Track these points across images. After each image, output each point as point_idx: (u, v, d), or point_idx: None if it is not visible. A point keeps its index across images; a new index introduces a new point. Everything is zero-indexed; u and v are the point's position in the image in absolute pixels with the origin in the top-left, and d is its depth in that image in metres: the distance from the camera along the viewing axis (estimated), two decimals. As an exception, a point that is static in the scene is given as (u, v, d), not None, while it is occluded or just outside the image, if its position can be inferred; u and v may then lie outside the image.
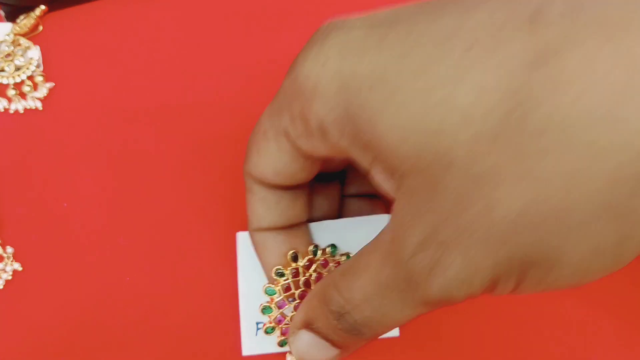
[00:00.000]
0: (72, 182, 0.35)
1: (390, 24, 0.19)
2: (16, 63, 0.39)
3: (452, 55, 0.16)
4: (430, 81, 0.16)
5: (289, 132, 0.21)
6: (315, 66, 0.20)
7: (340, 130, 0.19)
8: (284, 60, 0.42)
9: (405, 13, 0.19)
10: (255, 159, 0.23)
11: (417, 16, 0.18)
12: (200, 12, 0.44)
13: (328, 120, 0.19)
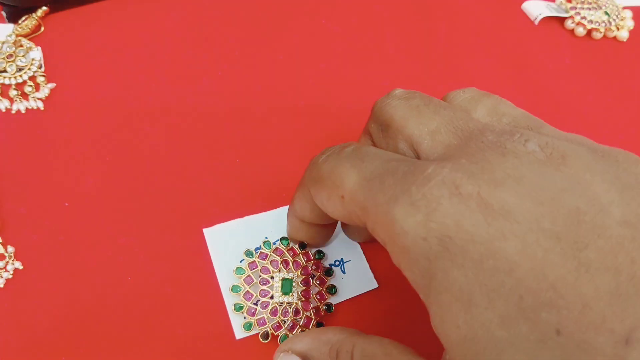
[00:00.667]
0: (73, 181, 0.35)
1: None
2: (18, 64, 0.39)
3: None
4: None
5: (317, 201, 0.25)
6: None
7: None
8: (283, 59, 0.43)
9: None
10: (295, 204, 0.28)
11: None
12: (200, 13, 0.44)
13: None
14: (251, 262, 0.30)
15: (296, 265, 0.30)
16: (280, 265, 0.30)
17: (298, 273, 0.30)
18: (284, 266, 0.30)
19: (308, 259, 0.30)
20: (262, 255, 0.30)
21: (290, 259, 0.30)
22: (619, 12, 0.46)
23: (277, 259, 0.30)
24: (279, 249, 0.30)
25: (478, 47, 0.44)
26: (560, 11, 0.46)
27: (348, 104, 0.40)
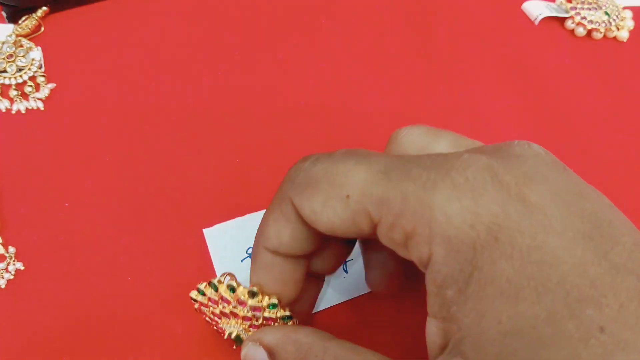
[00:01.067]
0: (74, 182, 0.35)
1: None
2: (18, 64, 0.39)
3: None
4: None
5: (307, 211, 0.22)
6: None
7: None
8: (283, 59, 0.43)
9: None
10: (267, 230, 0.24)
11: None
12: (200, 13, 0.44)
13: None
14: (200, 300, 0.26)
15: (244, 317, 0.25)
16: (228, 317, 0.26)
17: (245, 325, 0.25)
18: (229, 317, 0.26)
19: (257, 313, 0.25)
20: (210, 299, 0.26)
21: (239, 312, 0.25)
22: (619, 12, 0.46)
23: (225, 308, 0.25)
24: (224, 298, 0.25)
25: (478, 47, 0.44)
26: (560, 11, 0.46)
27: (348, 104, 0.40)
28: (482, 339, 0.17)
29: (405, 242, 0.20)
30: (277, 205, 0.23)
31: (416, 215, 0.19)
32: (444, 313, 0.19)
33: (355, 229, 0.21)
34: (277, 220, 0.23)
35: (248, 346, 0.24)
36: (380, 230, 0.20)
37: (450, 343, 0.19)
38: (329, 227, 0.22)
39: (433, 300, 0.19)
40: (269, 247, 0.24)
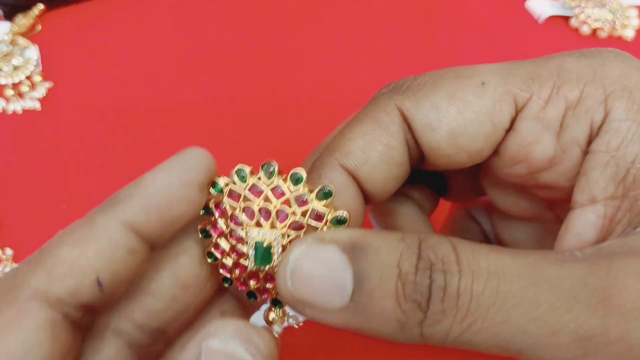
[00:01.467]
0: (71, 182, 0.34)
1: None
2: (14, 63, 0.39)
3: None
4: None
5: (426, 109, 0.19)
6: None
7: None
8: (283, 59, 0.42)
9: None
10: (349, 144, 0.19)
11: None
12: (199, 11, 0.44)
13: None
14: (219, 203, 0.19)
15: (281, 214, 0.19)
16: (257, 216, 0.19)
17: (284, 229, 0.19)
18: (262, 218, 0.19)
19: (303, 202, 0.19)
20: (232, 193, 0.19)
21: (275, 203, 0.19)
22: (624, 11, 0.45)
23: (253, 203, 0.19)
24: (256, 187, 0.19)
25: (482, 45, 0.43)
26: (564, 10, 0.45)
27: (349, 103, 0.39)
28: None
29: (563, 118, 0.18)
30: (367, 115, 0.19)
31: (583, 79, 0.18)
32: (617, 185, 0.17)
33: (490, 124, 0.18)
34: (366, 133, 0.19)
35: (305, 244, 0.17)
36: (526, 114, 0.18)
37: (622, 224, 0.17)
38: (457, 126, 0.18)
39: (600, 176, 0.17)
40: (348, 165, 0.19)
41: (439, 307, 0.16)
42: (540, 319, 0.15)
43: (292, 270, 0.17)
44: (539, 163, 0.19)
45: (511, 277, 0.15)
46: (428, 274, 0.16)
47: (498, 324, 0.15)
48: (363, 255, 0.16)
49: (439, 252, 0.16)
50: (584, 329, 0.15)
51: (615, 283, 0.15)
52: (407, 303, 0.16)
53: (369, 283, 0.16)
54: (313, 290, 0.17)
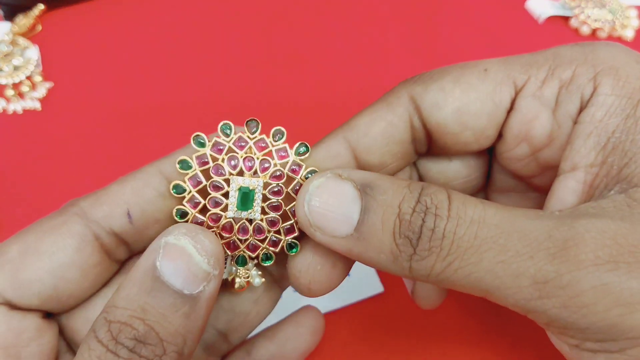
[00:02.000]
0: (71, 182, 0.34)
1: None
2: (14, 63, 0.39)
3: None
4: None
5: (434, 92, 0.21)
6: None
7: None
8: (283, 59, 0.42)
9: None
10: (356, 121, 0.22)
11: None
12: (199, 11, 0.44)
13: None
14: (200, 155, 0.21)
15: (263, 164, 0.21)
16: (241, 166, 0.20)
17: (265, 177, 0.21)
18: (245, 166, 0.20)
19: (283, 154, 0.21)
20: (217, 145, 0.20)
21: (257, 154, 0.21)
22: (624, 11, 0.45)
23: (238, 154, 0.20)
24: (242, 139, 0.21)
25: (482, 45, 0.43)
26: (564, 10, 0.45)
27: (350, 103, 0.39)
28: None
29: (558, 95, 0.20)
30: (380, 100, 0.22)
31: (575, 61, 0.20)
32: (597, 153, 0.19)
33: (492, 104, 0.21)
34: (374, 112, 0.22)
35: (324, 177, 0.19)
36: (525, 93, 0.21)
37: (599, 189, 0.19)
38: (461, 105, 0.21)
39: (582, 145, 0.19)
40: (350, 137, 0.22)
41: (426, 245, 0.18)
42: (506, 263, 0.17)
43: (310, 196, 0.19)
44: (539, 140, 0.21)
45: (489, 225, 0.18)
46: (422, 216, 0.18)
47: (472, 264, 0.18)
48: (372, 193, 0.19)
49: (435, 198, 0.18)
50: (541, 273, 0.17)
51: (574, 237, 0.17)
52: (401, 238, 0.18)
53: (372, 217, 0.19)
54: (325, 217, 0.19)
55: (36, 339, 0.20)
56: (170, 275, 0.18)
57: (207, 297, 0.18)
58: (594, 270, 0.16)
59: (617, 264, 0.16)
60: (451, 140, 0.21)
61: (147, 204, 0.21)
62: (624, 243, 0.16)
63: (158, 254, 0.18)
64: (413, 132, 0.22)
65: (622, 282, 0.16)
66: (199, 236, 0.18)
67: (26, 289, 0.19)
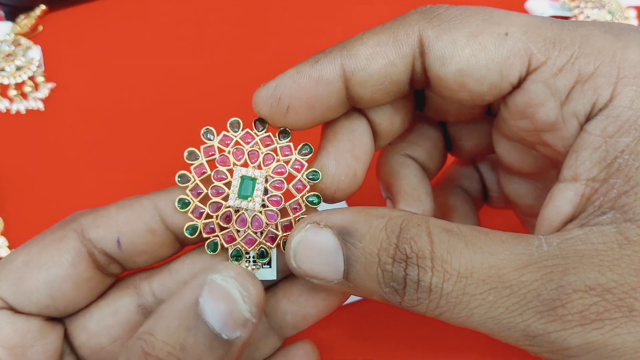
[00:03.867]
0: (74, 182, 0.34)
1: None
2: (17, 63, 0.39)
3: None
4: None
5: (444, 43, 0.19)
6: None
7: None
8: (283, 59, 0.42)
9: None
10: (358, 47, 0.20)
11: None
12: (200, 12, 0.44)
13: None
14: (208, 147, 0.22)
15: (267, 159, 0.22)
16: (246, 158, 0.21)
17: (268, 172, 0.21)
18: (249, 159, 0.21)
19: (287, 153, 0.22)
20: (224, 139, 0.22)
21: (262, 149, 0.21)
22: (623, 12, 0.46)
23: (244, 147, 0.22)
24: (250, 135, 0.22)
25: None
26: (563, 10, 0.46)
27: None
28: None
29: (571, 89, 0.19)
30: (390, 28, 0.20)
31: (602, 56, 0.18)
32: (601, 169, 0.18)
33: (498, 75, 0.19)
34: (379, 43, 0.20)
35: (306, 229, 0.19)
36: (537, 77, 0.19)
37: (594, 205, 0.18)
38: (467, 67, 0.19)
39: (588, 157, 0.18)
40: (347, 65, 0.20)
41: (414, 296, 0.18)
42: (496, 319, 0.18)
43: (294, 252, 0.20)
44: (541, 124, 0.20)
45: (477, 282, 0.18)
46: (403, 267, 0.18)
47: (463, 317, 0.18)
48: (352, 241, 0.19)
49: (415, 245, 0.18)
50: (530, 329, 0.17)
51: (561, 297, 0.17)
52: (386, 287, 0.18)
53: (355, 267, 0.19)
54: (313, 268, 0.19)
55: (40, 339, 0.21)
56: (211, 316, 0.17)
57: (240, 344, 0.18)
58: (580, 331, 0.17)
59: (603, 322, 0.17)
60: (448, 93, 0.21)
61: (136, 236, 0.21)
62: (611, 299, 0.17)
63: (202, 290, 0.18)
64: (413, 73, 0.21)
65: (607, 339, 0.17)
66: (247, 283, 0.18)
67: (26, 297, 0.21)
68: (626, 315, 0.17)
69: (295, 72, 0.21)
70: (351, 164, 0.21)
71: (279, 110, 0.21)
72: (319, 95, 0.20)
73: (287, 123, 0.21)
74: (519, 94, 0.20)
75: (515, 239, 0.18)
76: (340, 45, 0.21)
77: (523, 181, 0.25)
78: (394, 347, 0.30)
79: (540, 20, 0.19)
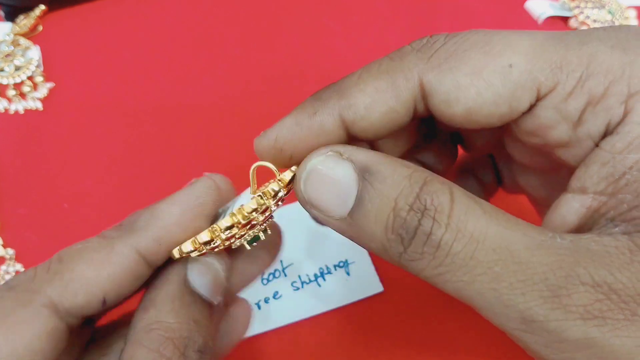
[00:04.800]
0: (73, 182, 0.34)
1: None
2: (16, 63, 0.39)
3: None
4: None
5: (448, 86, 0.19)
6: None
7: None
8: (282, 59, 0.42)
9: None
10: (355, 95, 0.20)
11: None
12: (200, 11, 0.44)
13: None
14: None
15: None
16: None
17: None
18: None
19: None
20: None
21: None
22: (623, 12, 0.46)
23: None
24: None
25: (481, 46, 0.43)
26: (563, 10, 0.46)
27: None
28: None
29: (582, 113, 0.18)
30: (387, 72, 0.19)
31: (611, 74, 0.18)
32: (608, 184, 0.18)
33: (507, 108, 0.19)
34: (378, 90, 0.19)
35: (324, 155, 0.19)
36: (547, 103, 0.19)
37: (606, 218, 0.18)
38: (474, 106, 0.19)
39: (596, 172, 0.18)
40: (346, 116, 0.20)
41: (419, 249, 0.17)
42: (497, 292, 0.17)
43: (307, 175, 0.19)
44: (553, 143, 0.20)
45: (487, 249, 0.17)
46: (419, 217, 0.17)
47: (463, 282, 0.17)
48: (370, 179, 0.18)
49: (437, 199, 0.17)
50: (529, 313, 0.17)
51: (568, 286, 0.17)
52: (393, 234, 0.18)
53: (366, 206, 0.18)
54: (320, 196, 0.19)
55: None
56: (202, 287, 0.19)
57: (220, 307, 0.20)
58: (581, 324, 0.17)
59: (605, 320, 0.16)
60: (456, 126, 0.20)
61: (123, 288, 0.20)
62: (616, 299, 0.17)
63: (187, 269, 0.19)
64: (415, 112, 0.20)
65: (606, 339, 0.16)
66: (223, 258, 0.20)
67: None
68: (629, 318, 0.16)
69: (294, 124, 0.20)
70: None
71: (282, 158, 0.20)
72: (320, 144, 0.20)
73: (289, 166, 0.21)
74: (529, 118, 0.19)
75: (531, 226, 0.18)
76: (337, 91, 0.20)
77: (537, 174, 0.25)
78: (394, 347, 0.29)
79: (542, 40, 0.19)
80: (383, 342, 0.29)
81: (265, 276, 0.31)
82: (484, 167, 0.28)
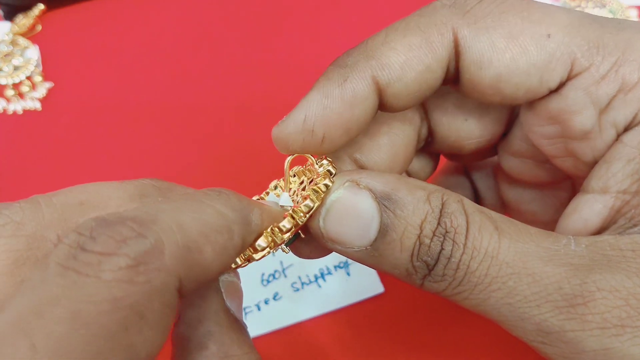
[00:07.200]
0: (71, 182, 0.34)
1: None
2: (15, 63, 0.39)
3: None
4: None
5: (482, 45, 0.18)
6: None
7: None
8: (283, 59, 0.42)
9: None
10: (387, 54, 0.18)
11: None
12: (199, 11, 0.44)
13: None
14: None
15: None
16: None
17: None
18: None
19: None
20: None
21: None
22: (624, 12, 0.45)
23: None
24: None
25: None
26: (564, 10, 0.46)
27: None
28: None
29: (613, 98, 0.18)
30: (418, 27, 0.18)
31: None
32: (633, 182, 0.17)
33: (537, 81, 0.18)
34: (412, 47, 0.18)
35: (342, 188, 0.18)
36: (578, 84, 0.18)
37: (625, 217, 0.18)
38: (506, 72, 0.18)
39: (620, 169, 0.18)
40: (381, 78, 0.18)
41: (440, 272, 0.18)
42: (513, 306, 0.17)
43: (327, 211, 0.18)
44: (574, 132, 0.19)
45: (500, 264, 0.17)
46: (441, 241, 0.17)
47: (480, 299, 0.17)
48: (392, 208, 0.18)
49: (455, 220, 0.17)
50: (545, 324, 0.17)
51: (584, 294, 0.16)
52: (418, 261, 0.18)
53: (391, 235, 0.18)
54: (341, 230, 0.18)
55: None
56: (237, 312, 0.18)
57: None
58: (599, 334, 0.16)
59: (624, 328, 0.16)
60: (477, 96, 0.19)
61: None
62: (635, 304, 0.16)
63: (224, 294, 0.18)
64: (446, 75, 0.19)
65: (625, 348, 0.16)
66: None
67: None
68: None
69: (323, 97, 0.19)
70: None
71: (313, 142, 0.19)
72: (355, 117, 0.18)
73: (321, 152, 0.19)
74: (554, 99, 0.18)
75: (543, 234, 0.18)
76: (365, 53, 0.19)
77: (527, 189, 0.25)
78: (394, 347, 0.29)
79: (581, 17, 0.18)
80: (384, 344, 0.29)
81: (265, 277, 0.31)
82: (460, 189, 0.27)
